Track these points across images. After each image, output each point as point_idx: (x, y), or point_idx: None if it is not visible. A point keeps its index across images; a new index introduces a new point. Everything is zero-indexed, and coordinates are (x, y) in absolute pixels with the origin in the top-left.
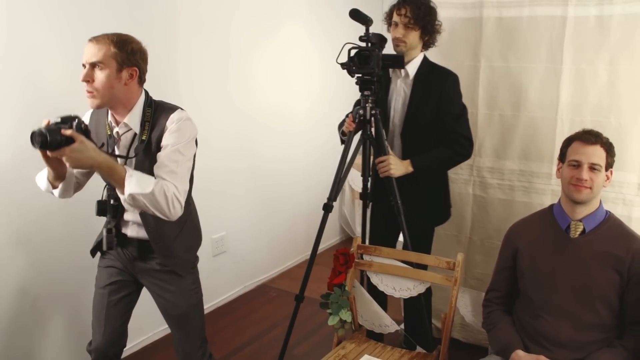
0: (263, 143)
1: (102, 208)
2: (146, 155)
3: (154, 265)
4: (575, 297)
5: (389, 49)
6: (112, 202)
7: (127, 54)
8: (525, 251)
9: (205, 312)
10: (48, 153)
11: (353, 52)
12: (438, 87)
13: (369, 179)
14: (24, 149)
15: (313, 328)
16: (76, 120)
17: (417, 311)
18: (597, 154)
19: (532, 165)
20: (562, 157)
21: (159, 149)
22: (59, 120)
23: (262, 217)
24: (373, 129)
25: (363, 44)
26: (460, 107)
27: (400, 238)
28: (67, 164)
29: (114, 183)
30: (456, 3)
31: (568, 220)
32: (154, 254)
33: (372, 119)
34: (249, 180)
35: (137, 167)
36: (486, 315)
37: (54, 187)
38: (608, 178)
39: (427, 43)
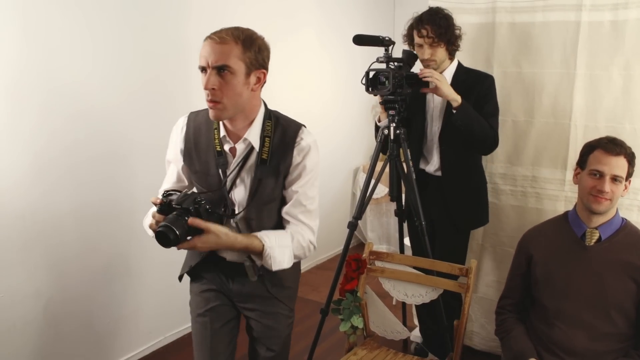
0: None
1: (164, 209)
2: (267, 177)
3: (258, 291)
4: (591, 305)
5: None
6: (207, 207)
7: (255, 54)
8: (539, 258)
9: None
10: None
11: (371, 73)
12: (476, 88)
13: (402, 196)
14: (39, 153)
15: (324, 334)
16: (195, 199)
17: (433, 317)
18: (620, 165)
19: (544, 172)
20: (582, 164)
21: (279, 171)
22: (171, 196)
23: None
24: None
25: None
26: (495, 106)
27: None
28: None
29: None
30: (469, 9)
31: (584, 228)
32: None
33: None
34: None
35: (255, 190)
36: (499, 322)
37: None
38: (626, 187)
39: (453, 52)
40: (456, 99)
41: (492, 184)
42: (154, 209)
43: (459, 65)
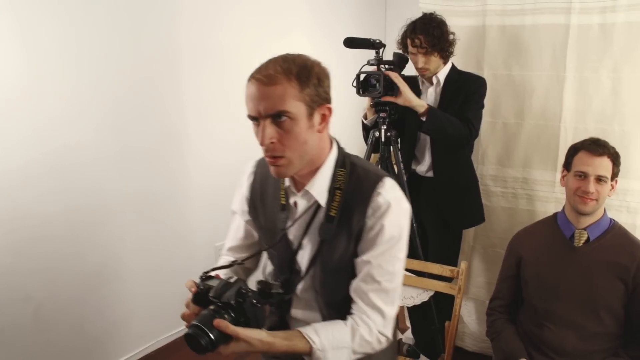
0: None
1: (265, 292)
2: (334, 239)
3: None
4: (580, 306)
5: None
6: (254, 301)
7: (315, 88)
8: (529, 260)
9: None
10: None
11: (362, 76)
12: (465, 88)
13: None
14: (29, 157)
15: None
16: (240, 289)
17: (425, 319)
18: (603, 165)
19: (535, 173)
20: (568, 165)
21: (350, 232)
22: (210, 280)
23: None
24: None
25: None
26: (480, 105)
27: None
28: None
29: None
30: (460, 12)
31: (572, 229)
32: None
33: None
34: None
35: (316, 253)
36: (490, 323)
37: None
38: (613, 187)
39: (446, 57)
40: (421, 104)
41: (483, 186)
42: (188, 294)
43: (453, 67)
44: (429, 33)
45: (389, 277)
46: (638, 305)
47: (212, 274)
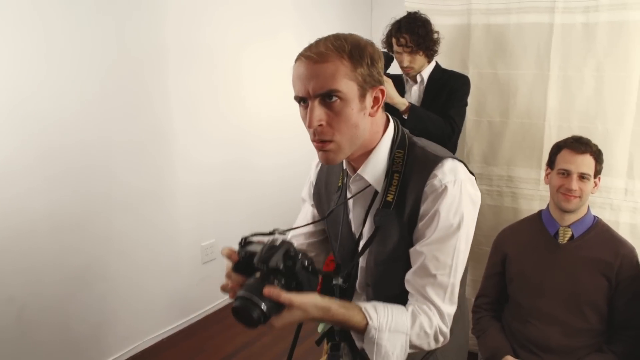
0: (253, 152)
1: (328, 287)
2: (390, 226)
3: None
4: (564, 302)
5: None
6: (340, 282)
7: (368, 68)
8: (514, 257)
9: (195, 319)
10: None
11: None
12: (449, 85)
13: None
14: (12, 158)
15: (302, 335)
16: (288, 251)
17: None
18: (586, 163)
19: (520, 171)
20: (551, 163)
21: (412, 221)
22: (250, 245)
23: (252, 224)
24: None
25: None
26: (463, 102)
27: None
28: None
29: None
30: (444, 10)
31: (557, 226)
32: None
33: None
34: (239, 189)
35: (370, 241)
36: (475, 321)
37: None
38: (596, 185)
39: (431, 56)
40: (403, 102)
41: None
42: (228, 262)
43: (437, 66)
44: (414, 32)
45: (444, 271)
46: (621, 301)
47: (253, 239)
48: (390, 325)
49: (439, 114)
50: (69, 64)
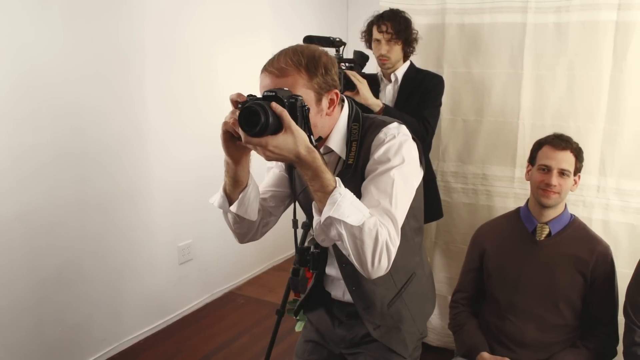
0: None
1: (303, 258)
2: (349, 181)
3: (365, 338)
4: (540, 298)
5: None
6: (312, 249)
7: (322, 77)
8: (492, 253)
9: (172, 320)
10: (243, 139)
11: None
12: (422, 86)
13: None
14: None
15: (280, 335)
16: (291, 96)
17: None
18: (566, 159)
19: (495, 169)
20: (532, 160)
21: (363, 173)
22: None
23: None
24: None
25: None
26: (437, 103)
27: None
28: (262, 157)
29: (313, 195)
30: (419, 10)
31: (534, 223)
32: (365, 322)
33: None
34: (216, 189)
35: None
36: (453, 316)
37: (231, 202)
38: (576, 182)
39: (408, 53)
40: (377, 103)
41: (444, 182)
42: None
43: (411, 65)
44: (397, 21)
45: (387, 198)
46: (595, 297)
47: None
48: (353, 201)
49: (413, 114)
50: (43, 63)
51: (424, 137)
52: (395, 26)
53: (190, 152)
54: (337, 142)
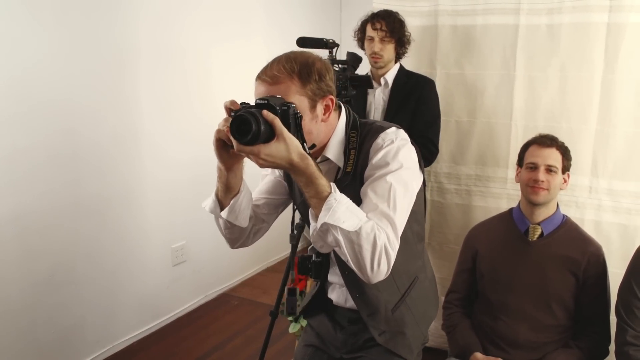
0: None
1: (304, 266)
2: (348, 188)
3: (367, 342)
4: (533, 298)
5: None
6: (314, 257)
7: (316, 84)
8: (484, 253)
9: (166, 322)
10: (235, 147)
11: None
12: (416, 93)
13: None
14: None
15: (274, 336)
16: (284, 103)
17: None
18: (552, 156)
19: (488, 170)
20: (520, 161)
21: (362, 179)
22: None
23: None
24: None
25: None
26: (435, 114)
27: None
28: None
29: (308, 201)
30: (412, 11)
31: (527, 224)
32: (368, 328)
33: None
34: (210, 191)
35: None
36: (446, 317)
37: (222, 207)
38: (565, 181)
39: (400, 54)
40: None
41: (438, 183)
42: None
43: (401, 68)
44: (391, 19)
45: (386, 202)
46: (587, 298)
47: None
48: (349, 206)
49: (410, 124)
50: (36, 64)
51: (431, 161)
52: (390, 24)
53: (184, 153)
54: (334, 151)
